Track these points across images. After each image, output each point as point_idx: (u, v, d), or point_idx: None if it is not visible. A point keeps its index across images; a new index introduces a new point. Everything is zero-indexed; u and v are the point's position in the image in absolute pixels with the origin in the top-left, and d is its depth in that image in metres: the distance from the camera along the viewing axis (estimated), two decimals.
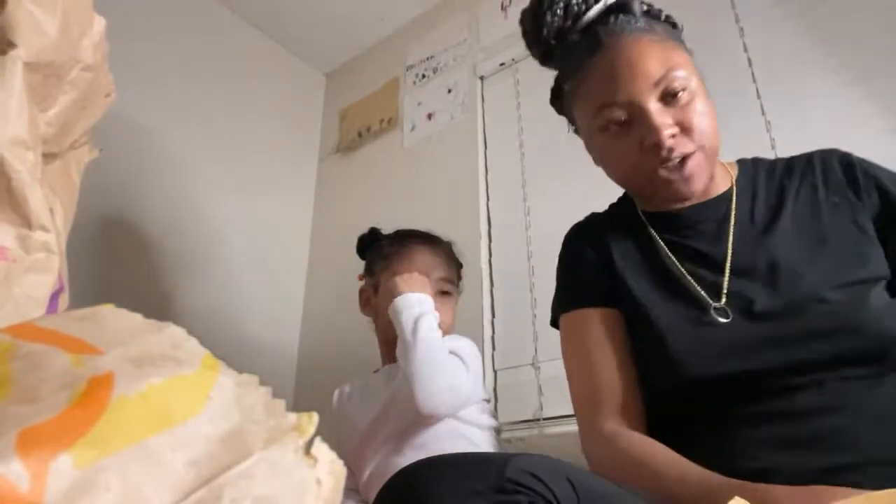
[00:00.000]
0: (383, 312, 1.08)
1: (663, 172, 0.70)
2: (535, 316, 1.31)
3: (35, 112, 0.60)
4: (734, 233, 0.71)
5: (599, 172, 0.82)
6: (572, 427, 1.11)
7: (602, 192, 0.83)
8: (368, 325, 1.20)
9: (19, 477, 0.21)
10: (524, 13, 0.83)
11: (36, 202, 0.56)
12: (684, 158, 0.69)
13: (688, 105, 0.69)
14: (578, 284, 0.80)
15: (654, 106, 0.69)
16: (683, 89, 0.69)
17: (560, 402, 1.02)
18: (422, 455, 0.59)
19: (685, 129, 0.69)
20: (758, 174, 0.77)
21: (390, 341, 1.08)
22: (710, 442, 0.62)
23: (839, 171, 0.72)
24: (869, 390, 0.59)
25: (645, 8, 0.77)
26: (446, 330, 1.06)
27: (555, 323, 0.84)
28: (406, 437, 0.98)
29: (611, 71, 0.71)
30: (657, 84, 0.69)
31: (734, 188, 0.75)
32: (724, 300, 0.67)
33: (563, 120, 0.85)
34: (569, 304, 0.79)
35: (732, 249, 0.70)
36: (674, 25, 0.79)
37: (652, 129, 0.68)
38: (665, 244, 0.74)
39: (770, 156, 1.10)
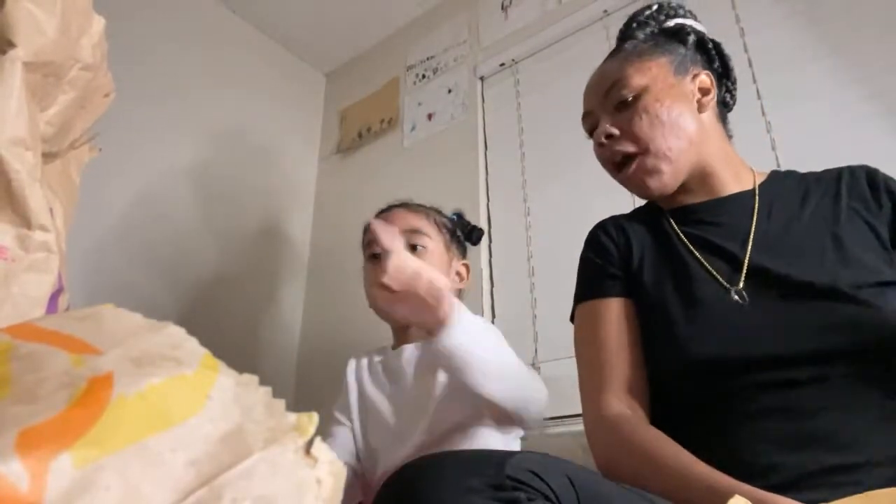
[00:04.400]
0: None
1: (613, 173, 0.79)
2: (535, 316, 1.31)
3: (34, 111, 0.60)
4: (755, 231, 0.73)
5: (599, 172, 0.82)
6: (573, 427, 1.12)
7: (602, 192, 0.83)
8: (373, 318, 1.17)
9: (19, 477, 0.21)
10: None
11: (35, 202, 0.56)
12: (625, 160, 0.76)
13: (631, 110, 0.76)
14: (597, 277, 0.81)
15: (603, 112, 0.79)
16: (631, 97, 0.76)
17: (561, 402, 1.02)
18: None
19: (624, 132, 0.76)
20: (785, 181, 0.78)
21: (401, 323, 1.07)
22: (713, 437, 0.62)
23: (864, 181, 0.73)
24: (872, 391, 0.58)
25: (635, 25, 0.84)
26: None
27: (573, 317, 0.84)
28: (437, 443, 0.92)
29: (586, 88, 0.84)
30: (607, 94, 0.78)
31: (756, 190, 0.77)
32: (741, 286, 0.68)
33: (562, 120, 0.86)
34: (587, 295, 0.81)
35: (752, 246, 0.71)
36: (672, 34, 0.83)
37: (594, 135, 0.78)
38: (684, 235, 0.77)
39: (770, 156, 1.11)
